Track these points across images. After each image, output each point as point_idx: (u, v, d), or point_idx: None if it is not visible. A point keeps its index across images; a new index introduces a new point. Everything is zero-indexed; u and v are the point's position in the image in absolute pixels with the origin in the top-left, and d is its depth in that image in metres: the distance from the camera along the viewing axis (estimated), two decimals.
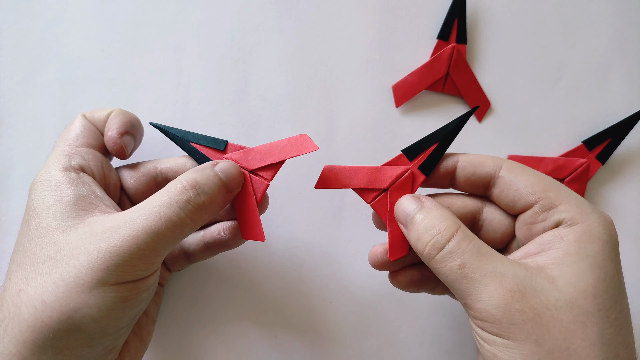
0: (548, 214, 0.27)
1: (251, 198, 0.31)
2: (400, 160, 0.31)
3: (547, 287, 0.24)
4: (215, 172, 0.29)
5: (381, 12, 0.40)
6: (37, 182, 0.28)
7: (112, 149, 0.31)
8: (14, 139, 0.39)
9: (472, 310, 0.25)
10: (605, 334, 0.23)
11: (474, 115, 0.40)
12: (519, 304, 0.23)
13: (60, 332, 0.24)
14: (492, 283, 0.24)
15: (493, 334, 0.24)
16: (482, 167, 0.29)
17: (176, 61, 0.40)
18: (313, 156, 0.39)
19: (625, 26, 0.41)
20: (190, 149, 0.31)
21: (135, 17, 0.40)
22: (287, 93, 0.40)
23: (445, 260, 0.25)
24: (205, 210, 0.28)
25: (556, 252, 0.25)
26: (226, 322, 0.38)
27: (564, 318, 0.23)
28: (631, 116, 0.39)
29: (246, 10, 0.40)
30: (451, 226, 0.26)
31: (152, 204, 0.26)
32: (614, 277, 0.25)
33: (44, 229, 0.26)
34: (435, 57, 0.39)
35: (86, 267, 0.25)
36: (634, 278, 0.39)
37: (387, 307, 0.38)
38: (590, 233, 0.25)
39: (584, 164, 0.38)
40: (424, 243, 0.27)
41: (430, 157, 0.30)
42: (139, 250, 0.25)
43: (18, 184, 0.38)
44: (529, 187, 0.27)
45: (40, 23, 0.39)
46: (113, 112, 0.32)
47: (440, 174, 0.30)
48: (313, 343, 0.38)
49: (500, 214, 0.30)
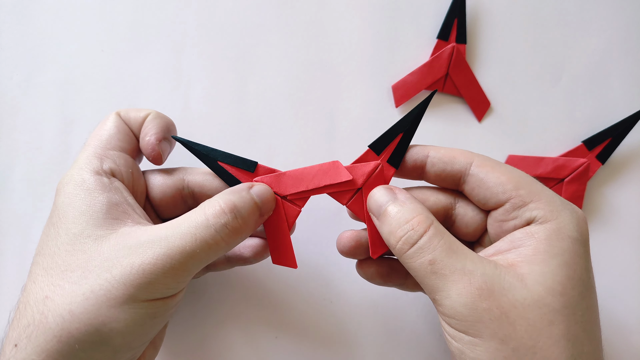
0: (519, 211, 0.27)
1: (283, 224, 0.30)
2: (369, 156, 0.30)
3: (515, 285, 0.24)
4: (252, 195, 0.28)
5: (381, 12, 0.40)
6: (67, 184, 0.28)
7: (148, 155, 0.31)
8: (14, 139, 0.39)
9: (441, 307, 0.25)
10: (571, 331, 0.24)
11: (474, 115, 0.40)
12: (486, 303, 0.24)
13: (86, 344, 0.24)
14: (460, 280, 0.24)
15: (460, 331, 0.25)
16: (452, 164, 0.29)
17: (176, 61, 0.40)
18: (313, 158, 0.39)
19: (625, 26, 0.41)
20: (218, 168, 0.30)
21: (135, 17, 0.40)
22: (287, 93, 0.40)
23: (417, 255, 0.26)
24: (240, 234, 0.27)
25: (526, 250, 0.25)
26: (226, 322, 0.38)
27: (531, 316, 0.23)
28: (631, 116, 0.39)
29: (246, 10, 0.40)
30: (424, 221, 0.26)
31: (188, 224, 0.26)
32: (582, 275, 0.25)
33: (75, 235, 0.26)
34: (435, 57, 0.39)
35: (118, 281, 0.24)
36: (634, 278, 0.39)
37: (387, 307, 0.38)
38: (561, 231, 0.25)
39: (584, 164, 0.39)
40: (396, 238, 0.27)
41: (397, 148, 0.30)
42: (172, 269, 0.25)
43: (18, 184, 0.38)
44: (500, 185, 0.27)
45: (40, 23, 0.39)
46: (150, 116, 0.31)
47: (410, 168, 0.30)
48: (314, 343, 0.38)
49: (473, 209, 0.30)
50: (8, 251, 0.38)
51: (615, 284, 0.39)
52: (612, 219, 0.40)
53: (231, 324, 0.38)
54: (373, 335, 0.38)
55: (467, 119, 0.40)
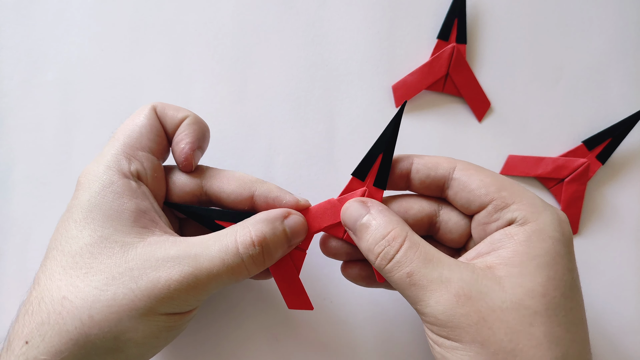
0: (501, 213, 0.27)
1: (292, 270, 0.31)
2: (354, 184, 0.30)
3: (493, 289, 0.24)
4: (285, 227, 0.28)
5: (381, 12, 0.40)
6: (94, 182, 0.27)
7: (179, 163, 0.30)
8: (14, 139, 0.39)
9: (422, 315, 0.26)
10: (554, 332, 0.24)
11: (474, 115, 0.40)
12: (463, 309, 0.24)
13: (102, 350, 0.24)
14: (438, 289, 0.24)
15: (442, 336, 0.25)
16: (435, 170, 0.29)
17: (176, 61, 0.40)
18: (313, 160, 0.39)
19: (625, 26, 0.41)
20: (217, 227, 0.29)
21: (135, 17, 0.40)
22: (287, 93, 0.40)
23: (395, 269, 0.26)
24: (264, 265, 0.28)
25: (505, 251, 0.25)
26: (226, 323, 0.38)
27: (510, 319, 0.23)
28: (631, 116, 0.39)
29: (246, 10, 0.40)
30: (399, 235, 0.26)
31: (219, 248, 0.26)
32: (565, 275, 0.25)
33: (102, 239, 0.25)
34: (435, 57, 0.39)
35: (143, 293, 0.24)
36: (634, 278, 0.39)
37: (387, 307, 0.38)
38: (541, 231, 0.25)
39: (584, 164, 0.38)
40: (374, 254, 0.27)
41: (380, 170, 0.29)
42: (196, 288, 0.25)
43: (18, 184, 0.38)
44: (482, 187, 0.27)
45: (40, 23, 0.39)
46: (188, 119, 0.30)
47: (395, 177, 0.30)
48: (314, 343, 0.38)
49: (457, 215, 0.30)
50: (8, 251, 0.38)
51: (614, 284, 0.39)
52: (612, 219, 0.40)
53: (231, 324, 0.38)
54: (373, 335, 0.38)
55: (467, 119, 0.40)
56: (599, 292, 0.39)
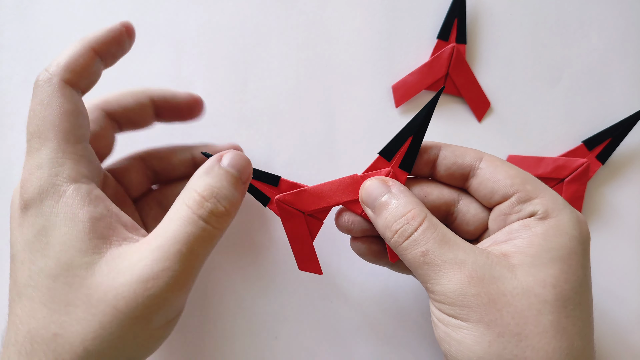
0: (523, 205, 0.27)
1: (307, 235, 0.31)
2: (380, 163, 0.30)
3: (506, 275, 0.24)
4: (226, 169, 0.26)
5: (381, 12, 0.40)
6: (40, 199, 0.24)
7: None
8: (14, 139, 0.39)
9: (432, 293, 0.26)
10: (561, 323, 0.24)
11: (473, 115, 0.40)
12: (474, 289, 0.24)
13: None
14: (451, 269, 0.25)
15: (449, 314, 0.25)
16: (463, 158, 0.29)
17: (176, 61, 0.40)
18: (313, 158, 0.39)
19: (625, 26, 0.41)
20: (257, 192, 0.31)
21: (135, 16, 0.40)
22: (287, 93, 0.40)
23: (410, 247, 0.26)
24: (229, 215, 0.26)
25: (521, 241, 0.26)
26: (226, 322, 0.38)
27: (519, 304, 0.24)
28: (631, 116, 0.39)
29: (246, 10, 0.40)
30: (419, 215, 0.27)
31: (175, 224, 0.24)
32: (578, 271, 0.25)
33: (67, 266, 0.24)
34: (435, 57, 0.39)
35: (127, 315, 0.23)
36: (634, 278, 0.39)
37: (388, 306, 0.38)
38: (559, 227, 0.26)
39: (584, 164, 0.38)
40: (392, 231, 0.27)
41: (408, 152, 0.30)
42: (176, 281, 0.24)
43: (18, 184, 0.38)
44: (508, 178, 0.28)
45: (40, 23, 0.39)
46: None
47: (422, 163, 0.30)
48: (314, 343, 0.38)
49: (476, 207, 0.30)
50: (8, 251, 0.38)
51: (615, 284, 0.39)
52: (612, 219, 0.40)
53: (231, 324, 0.38)
54: (373, 335, 0.38)
55: (467, 119, 0.40)
56: (599, 293, 0.39)
